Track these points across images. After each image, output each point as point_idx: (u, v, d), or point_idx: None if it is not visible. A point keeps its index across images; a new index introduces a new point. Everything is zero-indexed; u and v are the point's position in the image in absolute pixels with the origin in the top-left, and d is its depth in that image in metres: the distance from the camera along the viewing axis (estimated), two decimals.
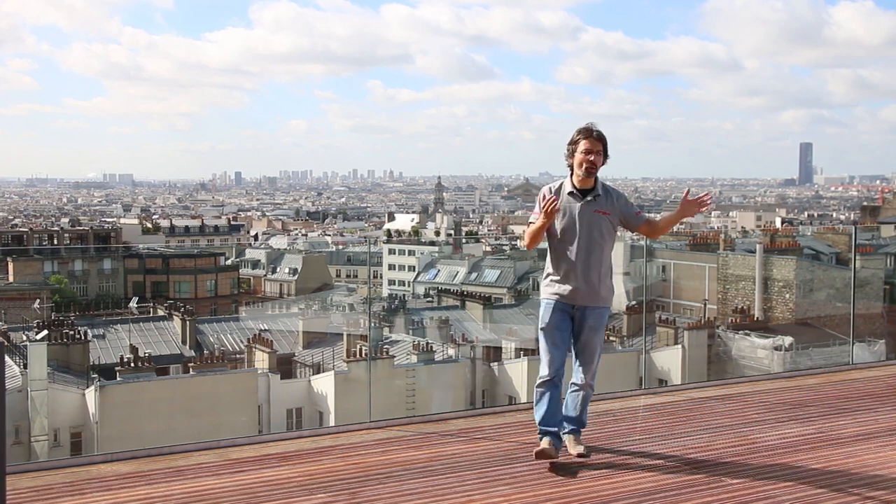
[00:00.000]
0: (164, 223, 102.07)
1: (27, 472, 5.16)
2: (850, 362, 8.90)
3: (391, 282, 71.29)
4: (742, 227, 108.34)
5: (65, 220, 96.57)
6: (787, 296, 33.42)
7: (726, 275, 35.38)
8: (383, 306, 33.80)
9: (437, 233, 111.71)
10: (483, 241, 79.33)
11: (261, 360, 27.99)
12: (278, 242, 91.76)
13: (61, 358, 26.09)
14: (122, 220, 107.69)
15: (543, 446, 5.17)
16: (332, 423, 23.42)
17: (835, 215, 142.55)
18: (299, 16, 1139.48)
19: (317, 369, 28.28)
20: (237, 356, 29.89)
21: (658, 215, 5.45)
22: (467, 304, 35.72)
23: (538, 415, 5.29)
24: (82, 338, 27.29)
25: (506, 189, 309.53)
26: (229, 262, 62.48)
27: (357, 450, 5.61)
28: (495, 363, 28.83)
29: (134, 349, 27.90)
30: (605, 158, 5.22)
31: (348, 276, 72.38)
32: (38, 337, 26.18)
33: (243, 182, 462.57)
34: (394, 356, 26.95)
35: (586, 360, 5.32)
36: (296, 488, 4.89)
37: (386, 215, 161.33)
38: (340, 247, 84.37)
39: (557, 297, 5.25)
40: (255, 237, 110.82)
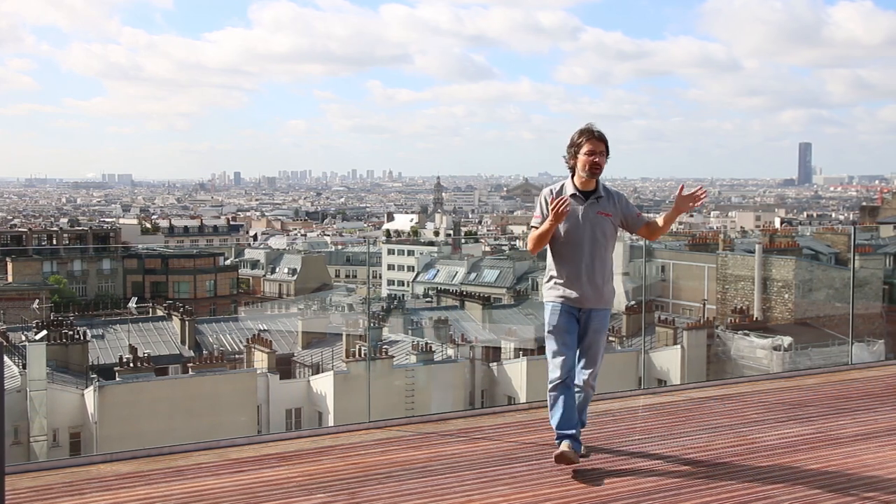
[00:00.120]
0: (164, 223, 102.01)
1: (26, 472, 5.16)
2: (849, 362, 8.91)
3: (390, 282, 71.31)
4: (741, 227, 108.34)
5: (64, 221, 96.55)
6: (786, 296, 33.43)
7: (725, 275, 35.39)
8: (382, 306, 33.78)
9: (436, 233, 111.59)
10: (482, 241, 79.32)
11: (260, 360, 28.01)
12: (277, 242, 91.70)
13: (60, 358, 26.09)
14: (121, 221, 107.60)
15: (563, 449, 5.08)
16: (331, 423, 23.41)
17: (834, 215, 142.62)
18: (298, 16, 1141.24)
19: (316, 369, 28.30)
20: (236, 356, 29.90)
21: (656, 216, 5.41)
22: (466, 305, 35.71)
23: (555, 419, 5.22)
24: (81, 338, 27.30)
25: (505, 189, 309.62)
26: (228, 263, 62.49)
27: (356, 450, 5.61)
28: (494, 363, 28.84)
29: (133, 349, 27.90)
30: (607, 158, 5.20)
31: (347, 277, 72.33)
32: (37, 337, 26.17)
33: (242, 182, 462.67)
34: (393, 356, 26.96)
35: (589, 362, 5.29)
36: (295, 488, 4.89)
37: (385, 215, 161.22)
38: (339, 247, 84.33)
39: (563, 300, 5.21)
40: (255, 237, 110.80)
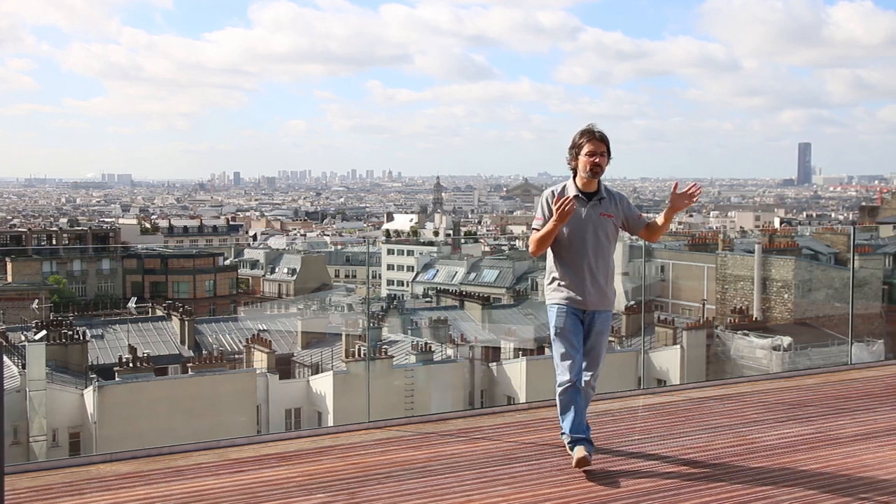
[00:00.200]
0: (163, 223, 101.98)
1: (26, 472, 5.15)
2: (848, 362, 8.91)
3: (390, 282, 71.32)
4: (741, 227, 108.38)
5: (63, 221, 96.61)
6: (785, 296, 33.43)
7: (725, 275, 35.39)
8: (381, 306, 33.79)
9: (435, 233, 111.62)
10: (482, 241, 79.34)
11: (259, 360, 28.01)
12: (277, 242, 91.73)
13: (60, 358, 26.09)
14: (120, 221, 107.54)
15: (583, 454, 5.05)
16: (330, 423, 23.40)
17: (833, 215, 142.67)
18: (298, 16, 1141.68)
19: (315, 369, 28.29)
20: (236, 356, 29.90)
21: (655, 216, 5.39)
22: (466, 305, 35.71)
23: (568, 423, 5.20)
24: (81, 338, 27.30)
25: (505, 189, 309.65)
26: (228, 263, 62.53)
27: (356, 450, 5.61)
28: (494, 363, 28.84)
29: (132, 349, 27.89)
30: (608, 159, 5.19)
31: (347, 277, 72.35)
32: (37, 337, 26.16)
33: (242, 182, 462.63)
34: (392, 356, 26.96)
35: (592, 364, 5.27)
36: (295, 488, 4.89)
37: (385, 215, 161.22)
38: (339, 247, 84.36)
39: (569, 303, 5.19)
40: (254, 237, 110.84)
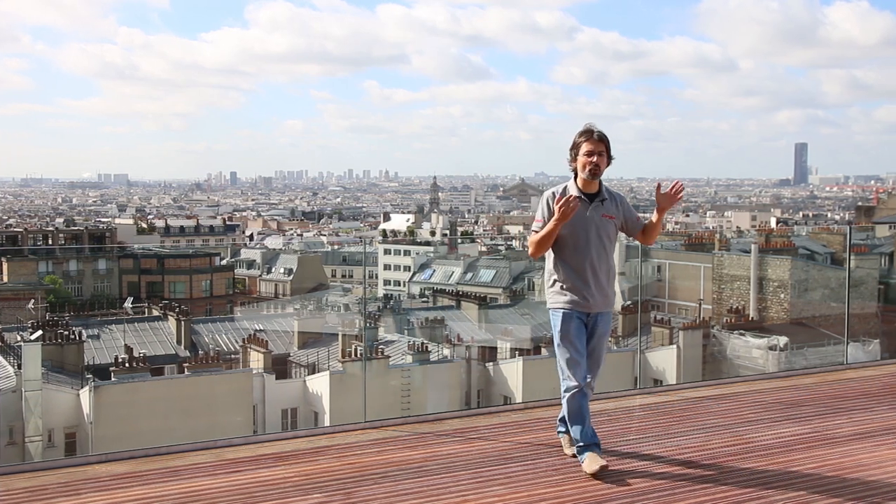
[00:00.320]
0: (160, 223, 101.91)
1: (22, 472, 5.15)
2: (844, 362, 8.93)
3: (387, 282, 71.32)
4: (737, 227, 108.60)
5: (59, 221, 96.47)
6: (781, 296, 33.46)
7: (721, 275, 35.41)
8: (378, 306, 33.79)
9: (432, 233, 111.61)
10: (478, 241, 79.37)
11: (256, 360, 27.98)
12: (273, 242, 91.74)
13: (56, 358, 26.02)
14: (117, 221, 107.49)
15: (602, 463, 5.01)
16: (327, 423, 23.40)
17: (830, 215, 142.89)
18: (295, 16, 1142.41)
19: (312, 369, 28.28)
20: (232, 356, 29.87)
21: (649, 215, 5.37)
22: (463, 305, 35.70)
23: (580, 430, 5.14)
24: (77, 338, 27.22)
25: (501, 189, 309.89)
26: (224, 263, 62.48)
27: (352, 450, 5.61)
28: (490, 363, 28.83)
29: (129, 349, 27.85)
30: (609, 160, 5.13)
31: (344, 277, 72.34)
32: (33, 337, 26.09)
33: (238, 182, 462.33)
34: (389, 356, 26.96)
35: (594, 365, 5.22)
36: (291, 488, 4.89)
37: (381, 215, 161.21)
38: (336, 247, 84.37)
39: (573, 306, 5.13)
40: (251, 237, 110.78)
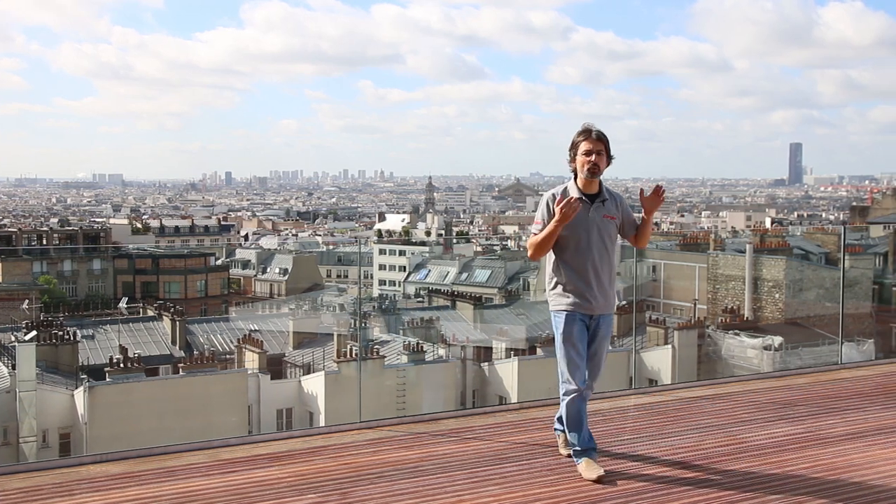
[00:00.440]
0: (154, 223, 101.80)
1: (16, 473, 5.14)
2: (838, 362, 8.95)
3: (382, 282, 71.28)
4: (732, 227, 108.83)
5: (54, 221, 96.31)
6: (776, 296, 33.51)
7: (716, 275, 35.45)
8: (373, 306, 33.78)
9: (427, 233, 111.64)
10: (474, 241, 79.39)
11: (251, 360, 27.94)
12: (268, 242, 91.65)
13: (50, 359, 25.97)
14: (111, 221, 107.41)
15: (599, 472, 4.96)
16: (322, 423, 23.39)
17: (824, 215, 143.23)
18: (290, 15, 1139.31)
19: (307, 370, 28.26)
20: (227, 356, 29.83)
21: (639, 216, 5.35)
22: (458, 305, 35.70)
23: (577, 436, 5.11)
24: (71, 338, 27.17)
25: (496, 189, 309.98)
26: (219, 263, 62.38)
27: (348, 450, 5.61)
28: (486, 363, 28.83)
29: (123, 350, 27.80)
30: (608, 159, 5.06)
31: (339, 277, 72.26)
32: (27, 338, 26.05)
33: (233, 182, 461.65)
34: (384, 356, 26.94)
35: (595, 368, 5.17)
36: (286, 489, 4.89)
37: (376, 215, 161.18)
38: (331, 247, 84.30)
39: (575, 309, 5.06)
40: (246, 237, 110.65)
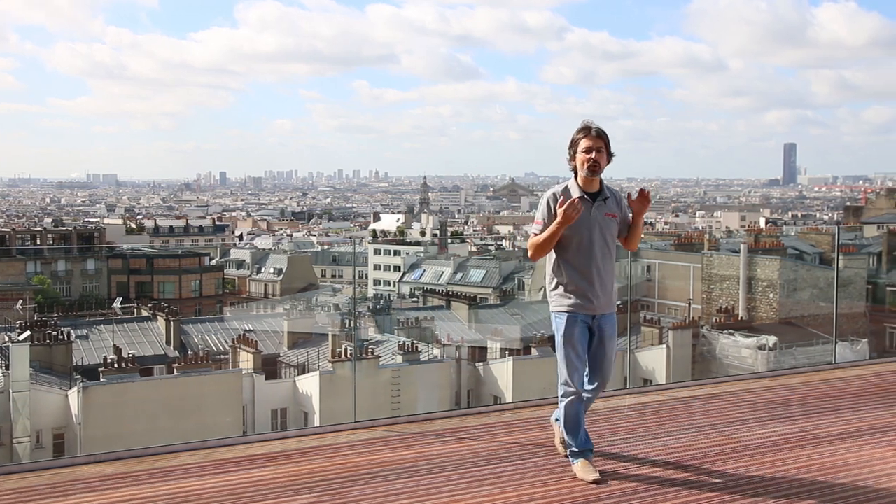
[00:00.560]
0: (149, 223, 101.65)
1: (9, 473, 5.13)
2: (832, 361, 8.98)
3: (377, 282, 71.28)
4: (726, 227, 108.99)
5: (48, 221, 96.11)
6: (770, 295, 33.57)
7: (711, 274, 35.50)
8: (368, 306, 33.80)
9: (422, 233, 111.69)
10: (468, 241, 79.45)
11: (245, 360, 27.92)
12: (263, 242, 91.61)
13: (44, 359, 25.92)
14: (105, 221, 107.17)
15: (595, 475, 4.93)
16: (317, 423, 23.36)
17: (818, 215, 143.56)
18: (284, 15, 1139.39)
19: (302, 370, 28.24)
20: (222, 357, 29.80)
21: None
22: (452, 305, 35.71)
23: (577, 437, 5.08)
24: (65, 338, 27.13)
25: (491, 189, 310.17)
26: (214, 263, 62.35)
27: (342, 450, 5.61)
28: (480, 363, 28.84)
29: (117, 350, 27.76)
30: (608, 157, 5.01)
31: (333, 277, 72.24)
32: (21, 338, 25.99)
33: (228, 182, 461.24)
34: (379, 356, 26.94)
35: (606, 369, 5.13)
36: (281, 489, 4.89)
37: (371, 215, 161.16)
38: (325, 247, 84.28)
39: (578, 309, 5.00)
40: (240, 237, 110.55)
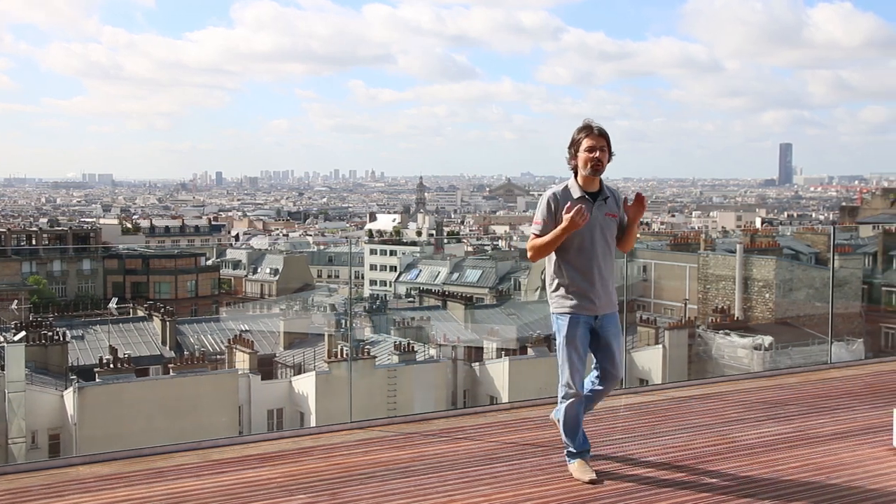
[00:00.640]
0: (145, 223, 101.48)
1: (4, 474, 5.12)
2: (828, 361, 8.99)
3: (373, 282, 71.25)
4: (722, 227, 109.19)
5: (43, 221, 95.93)
6: (766, 295, 33.62)
7: (707, 274, 35.55)
8: (364, 307, 33.78)
9: (418, 233, 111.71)
10: (465, 241, 79.45)
11: (241, 360, 27.89)
12: (259, 242, 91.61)
13: (39, 359, 25.86)
14: (101, 221, 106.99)
15: (591, 475, 4.94)
16: (313, 423, 23.35)
17: (814, 215, 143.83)
18: (280, 15, 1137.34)
19: (298, 370, 28.22)
20: (218, 357, 29.77)
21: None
22: (449, 305, 35.70)
23: (575, 438, 5.07)
24: (61, 339, 27.07)
25: (487, 189, 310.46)
26: (210, 263, 62.28)
27: (339, 450, 5.60)
28: (477, 363, 28.85)
29: (113, 350, 27.71)
30: (609, 156, 5.01)
31: (330, 277, 72.18)
32: (16, 338, 25.93)
33: (224, 182, 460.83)
34: (375, 356, 26.93)
35: (616, 367, 5.11)
36: (277, 489, 4.88)
37: (367, 215, 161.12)
38: (322, 247, 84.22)
39: (579, 311, 4.99)
40: (236, 237, 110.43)
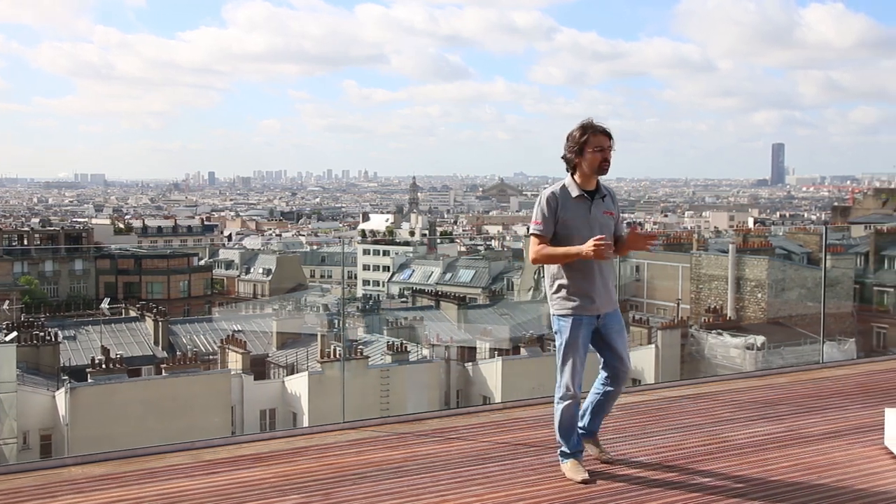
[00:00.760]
0: (137, 223, 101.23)
1: None
2: (820, 361, 9.02)
3: (366, 282, 71.25)
4: (715, 227, 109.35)
5: (35, 221, 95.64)
6: (759, 295, 33.73)
7: (699, 274, 35.64)
8: (357, 307, 33.77)
9: (411, 233, 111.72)
10: (458, 241, 79.50)
11: (234, 360, 27.87)
12: (252, 243, 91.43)
13: (31, 360, 25.82)
14: (93, 221, 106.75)
15: (584, 475, 4.94)
16: (305, 423, 23.32)
17: (806, 215, 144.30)
18: (273, 15, 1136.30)
19: (290, 370, 28.21)
20: (210, 357, 29.73)
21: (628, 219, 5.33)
22: (442, 305, 35.71)
23: (570, 440, 5.07)
24: (52, 339, 27.03)
25: (480, 189, 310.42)
26: (202, 263, 62.24)
27: (331, 450, 5.60)
28: (469, 363, 28.87)
29: (105, 350, 27.65)
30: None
31: (322, 277, 72.15)
32: (8, 338, 25.87)
33: (217, 182, 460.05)
34: (368, 356, 26.93)
35: (625, 364, 5.11)
36: (270, 489, 4.87)
37: (360, 215, 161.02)
38: (314, 247, 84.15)
39: (581, 311, 4.95)
40: (229, 237, 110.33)
